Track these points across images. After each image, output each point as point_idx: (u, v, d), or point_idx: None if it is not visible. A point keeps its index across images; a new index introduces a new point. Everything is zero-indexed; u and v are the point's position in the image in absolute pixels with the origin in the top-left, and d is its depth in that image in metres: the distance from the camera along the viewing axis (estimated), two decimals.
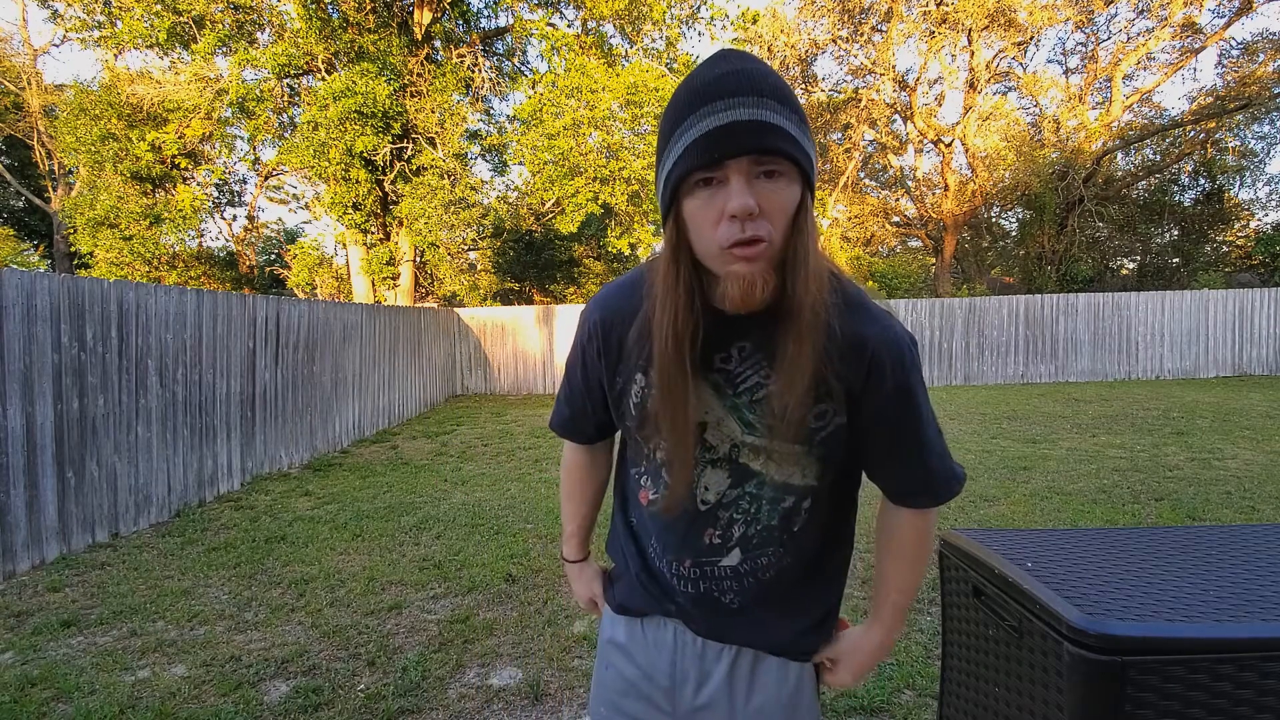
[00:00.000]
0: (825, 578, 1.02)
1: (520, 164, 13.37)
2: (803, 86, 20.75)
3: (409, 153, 11.89)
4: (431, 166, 11.61)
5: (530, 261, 19.00)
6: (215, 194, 17.57)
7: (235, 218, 20.53)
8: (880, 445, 0.91)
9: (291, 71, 11.77)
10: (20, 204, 21.38)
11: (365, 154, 11.23)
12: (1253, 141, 18.99)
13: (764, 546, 0.94)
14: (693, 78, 0.79)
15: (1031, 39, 18.88)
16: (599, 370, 1.00)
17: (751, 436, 0.90)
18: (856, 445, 0.91)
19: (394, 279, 12.70)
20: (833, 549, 1.02)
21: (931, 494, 0.95)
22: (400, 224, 12.34)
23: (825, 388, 0.86)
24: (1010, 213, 22.36)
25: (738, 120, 0.75)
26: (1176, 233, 20.37)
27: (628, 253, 14.26)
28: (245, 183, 18.89)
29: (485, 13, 13.75)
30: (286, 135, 13.07)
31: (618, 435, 1.13)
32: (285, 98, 12.43)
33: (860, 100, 19.55)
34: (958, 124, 19.66)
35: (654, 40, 13.58)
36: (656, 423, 0.91)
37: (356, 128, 10.88)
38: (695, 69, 0.80)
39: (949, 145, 20.19)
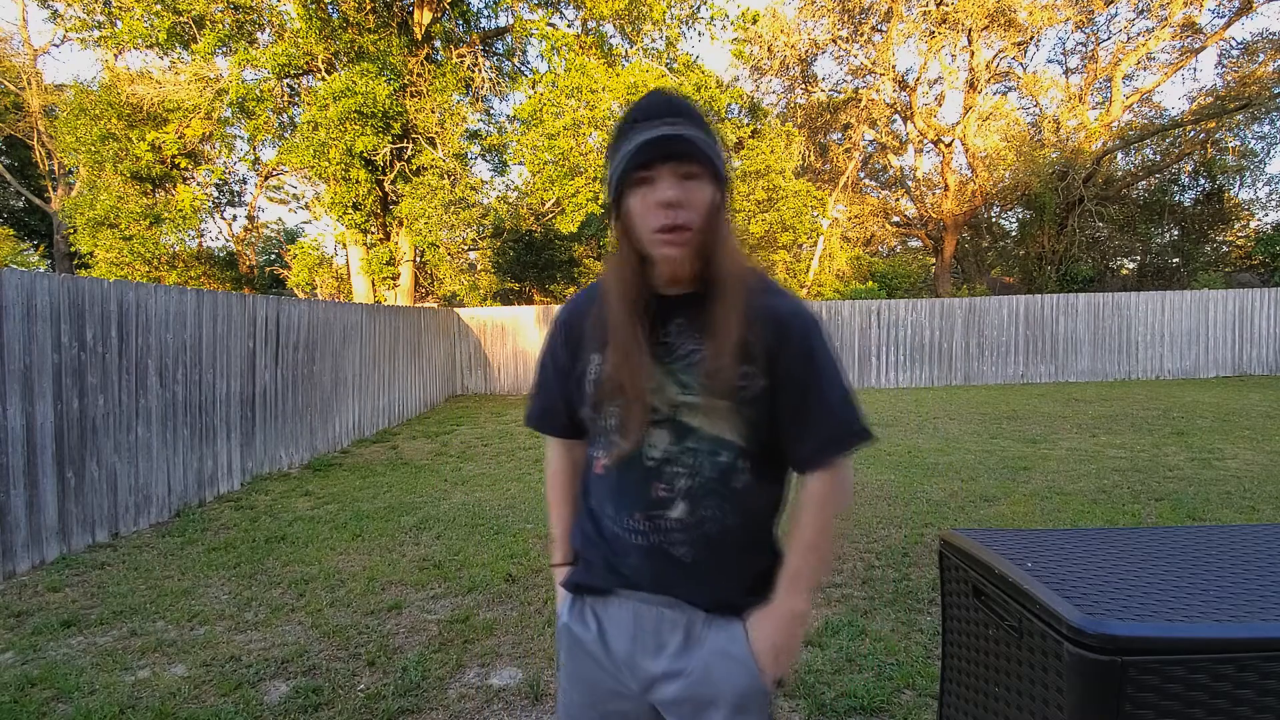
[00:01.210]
0: (764, 542, 1.12)
1: (520, 164, 13.38)
2: (803, 86, 20.75)
3: (409, 153, 11.89)
4: (431, 166, 11.61)
5: (530, 261, 19.00)
6: (215, 194, 17.56)
7: (235, 218, 20.51)
8: (790, 400, 1.04)
9: (291, 71, 11.77)
10: (20, 204, 21.38)
11: (365, 154, 11.23)
12: (1253, 141, 19.01)
13: (705, 498, 1.04)
14: (633, 106, 1.04)
15: (1031, 39, 18.89)
16: (564, 360, 1.17)
17: (688, 396, 1.04)
18: (774, 406, 1.05)
19: (394, 279, 12.70)
20: (767, 517, 1.12)
21: (838, 443, 1.06)
22: (400, 224, 12.34)
23: (748, 351, 1.02)
24: (1010, 213, 22.37)
25: (665, 134, 0.98)
26: (1176, 233, 20.37)
27: None
28: (245, 183, 18.89)
29: (485, 13, 13.76)
30: (286, 135, 13.07)
31: None
32: (285, 98, 12.43)
33: (860, 100, 19.55)
34: (958, 124, 19.66)
35: (654, 40, 13.57)
36: (611, 387, 1.06)
37: (356, 128, 10.87)
38: (636, 102, 1.05)
39: (949, 145, 20.19)
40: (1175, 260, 20.01)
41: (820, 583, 1.11)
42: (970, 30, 17.86)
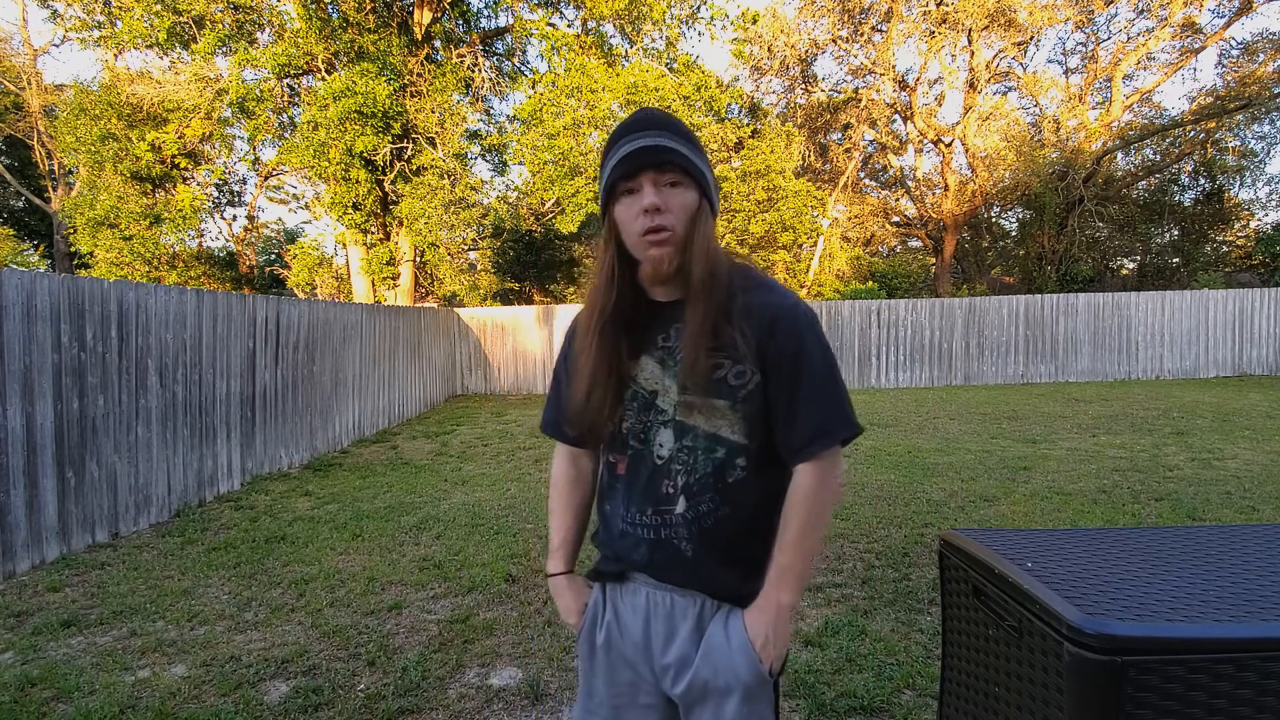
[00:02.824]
0: (760, 534, 1.14)
1: (520, 164, 13.38)
2: (803, 86, 20.75)
3: (409, 153, 11.89)
4: (431, 166, 11.61)
5: (530, 261, 18.99)
6: (215, 194, 17.56)
7: (235, 218, 20.51)
8: (779, 392, 1.08)
9: (291, 71, 11.77)
10: (20, 204, 21.38)
11: (365, 154, 11.23)
12: (1253, 141, 19.00)
13: (702, 494, 1.10)
14: (619, 125, 1.11)
15: (1031, 39, 18.89)
16: (569, 367, 1.22)
17: (685, 395, 1.10)
18: (768, 399, 1.09)
19: (394, 279, 12.70)
20: (767, 510, 1.13)
21: (826, 436, 1.08)
22: (400, 224, 12.33)
23: (736, 349, 1.06)
24: (1010, 213, 22.37)
25: (646, 145, 1.06)
26: (1176, 233, 20.36)
27: None
28: (245, 183, 18.89)
29: (485, 13, 13.75)
30: (286, 135, 13.07)
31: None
32: (285, 98, 12.42)
33: (860, 100, 19.54)
34: (958, 124, 19.66)
35: (654, 40, 13.57)
36: (575, 401, 1.13)
37: (356, 128, 10.87)
38: (622, 120, 1.12)
39: (949, 145, 20.18)
40: (1175, 260, 20.00)
41: (809, 575, 1.12)
42: (970, 30, 17.85)
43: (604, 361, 1.11)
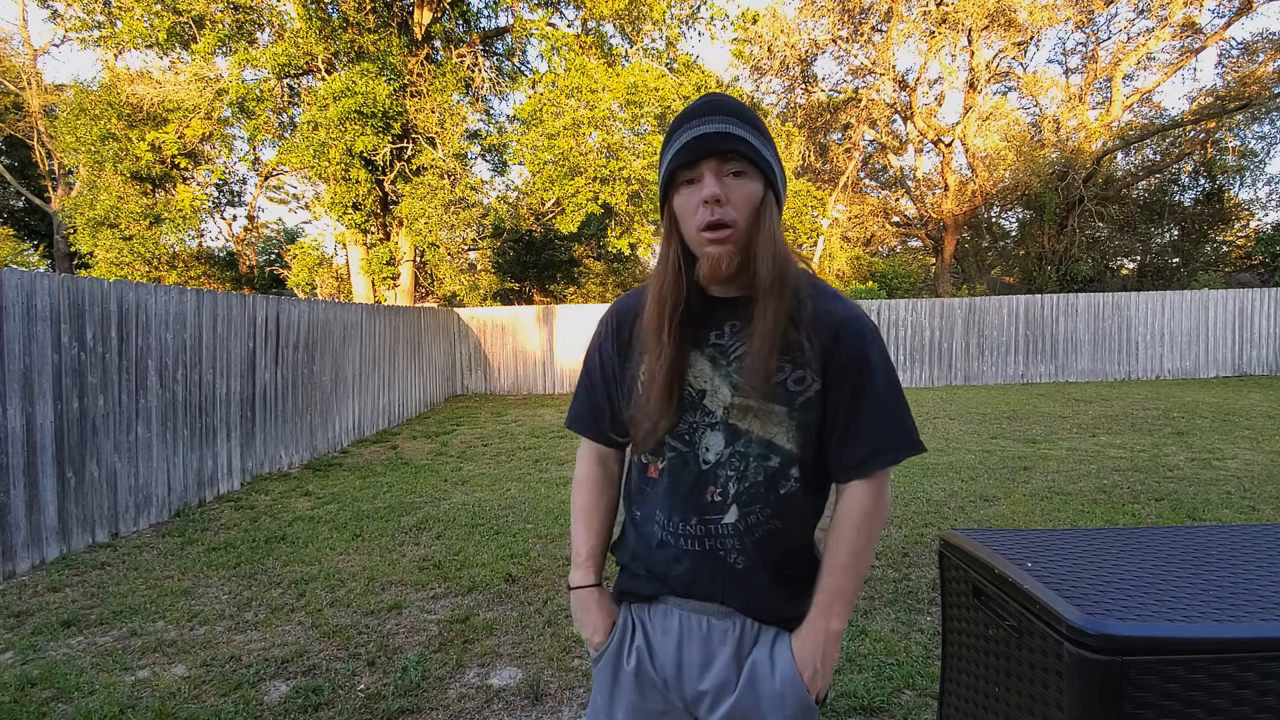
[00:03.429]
0: (808, 549, 1.11)
1: (520, 164, 13.37)
2: (803, 86, 20.74)
3: (409, 153, 11.89)
4: (431, 166, 11.61)
5: (530, 261, 18.99)
6: (215, 194, 17.56)
7: (235, 218, 20.52)
8: (841, 405, 1.03)
9: (291, 71, 11.77)
10: (20, 204, 21.38)
11: (365, 154, 11.22)
12: (1253, 141, 18.99)
13: (753, 503, 1.03)
14: (684, 110, 1.04)
15: (1031, 39, 18.88)
16: (612, 359, 1.15)
17: (739, 397, 1.03)
18: (826, 410, 1.04)
19: (394, 279, 12.70)
20: (811, 528, 1.11)
21: (887, 453, 1.03)
22: (400, 224, 12.33)
23: (801, 354, 1.02)
24: (1010, 213, 22.37)
25: (708, 131, 0.98)
26: (1176, 233, 20.36)
27: (627, 253, 14.25)
28: (245, 183, 18.89)
29: (485, 13, 13.75)
30: (286, 135, 13.07)
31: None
32: (285, 98, 12.42)
33: (860, 100, 19.54)
34: (958, 124, 19.65)
35: (654, 40, 13.57)
36: (649, 385, 1.05)
37: (356, 128, 10.87)
38: (688, 104, 1.05)
39: (949, 145, 20.18)
40: (1175, 260, 20.00)
41: (856, 601, 1.10)
42: (970, 30, 17.85)
43: (676, 360, 1.03)
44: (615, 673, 1.12)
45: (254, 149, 15.58)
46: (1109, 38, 19.56)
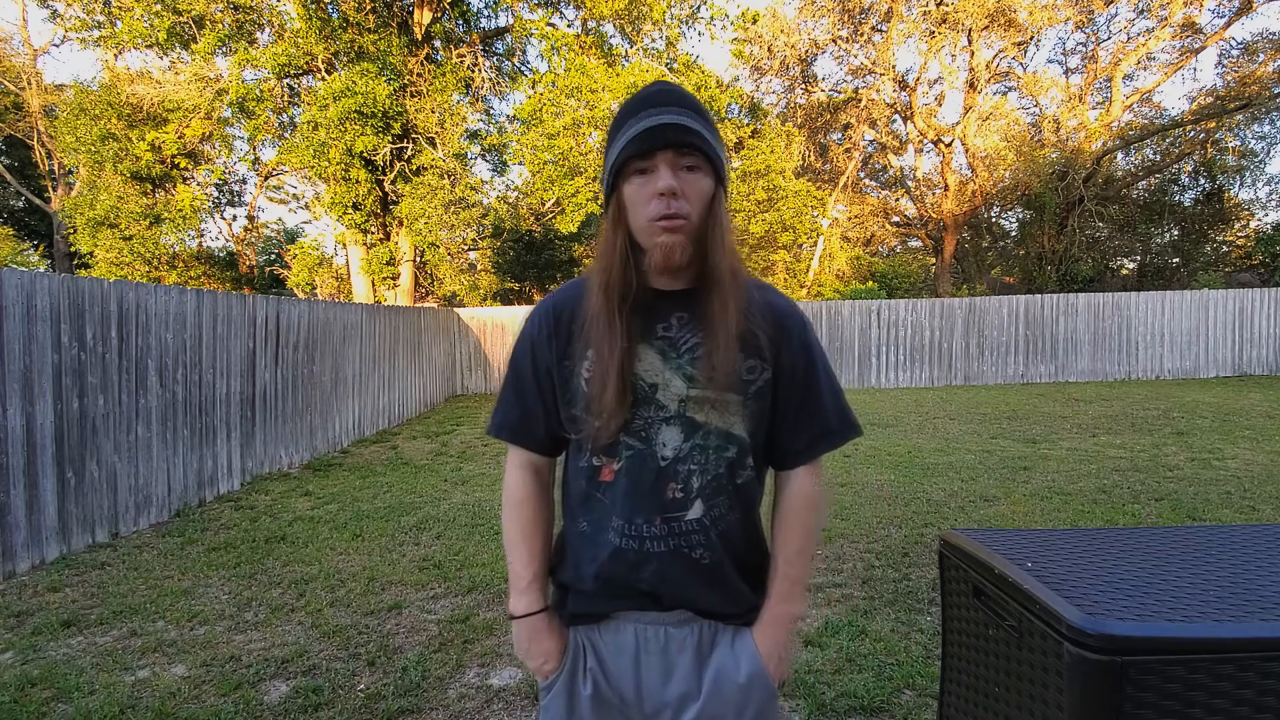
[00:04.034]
0: (760, 538, 1.12)
1: (520, 164, 13.38)
2: (803, 86, 20.75)
3: (409, 153, 11.89)
4: (431, 166, 11.61)
5: (530, 261, 18.99)
6: (215, 194, 17.56)
7: (235, 218, 20.50)
8: (790, 393, 1.06)
9: (291, 71, 11.77)
10: (20, 204, 21.38)
11: (365, 154, 11.23)
12: (1253, 141, 19.00)
13: (717, 495, 1.02)
14: (634, 96, 1.02)
15: (1031, 39, 18.89)
16: (548, 358, 1.07)
17: (695, 390, 1.01)
18: (774, 397, 1.06)
19: (394, 279, 12.70)
20: (758, 515, 1.11)
21: (832, 436, 1.09)
22: (400, 224, 12.33)
23: (754, 343, 1.02)
24: (1010, 213, 22.37)
25: (665, 122, 0.96)
26: (1176, 233, 20.36)
27: None
28: (245, 183, 18.89)
29: (485, 13, 13.75)
30: (286, 135, 13.07)
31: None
32: (285, 98, 12.42)
33: (860, 100, 19.54)
34: (958, 124, 19.65)
35: (654, 40, 13.58)
36: (601, 380, 1.00)
37: (356, 128, 10.87)
38: (638, 91, 1.03)
39: (949, 145, 20.18)
40: (1175, 260, 20.00)
41: (809, 582, 1.10)
42: (970, 30, 17.85)
43: (625, 352, 0.99)
44: (571, 701, 1.07)
45: (254, 149, 15.59)
46: (1109, 38, 19.57)
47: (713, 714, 1.03)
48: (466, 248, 16.27)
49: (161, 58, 12.54)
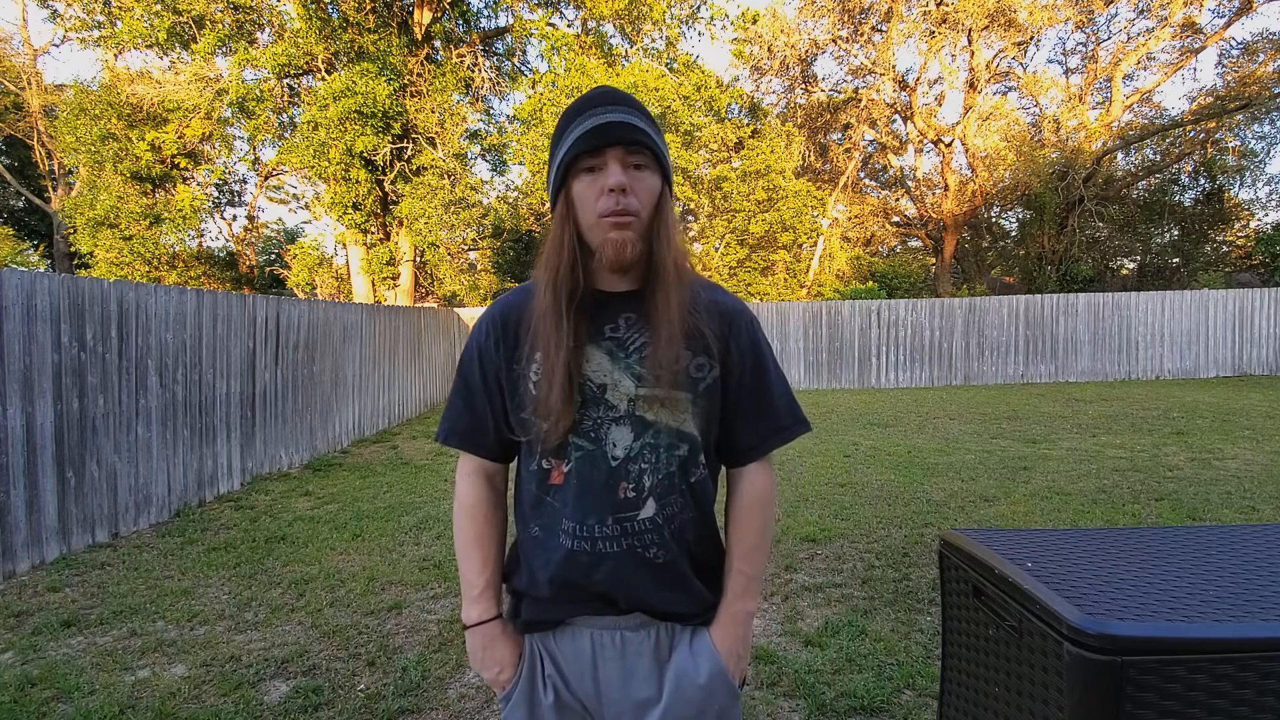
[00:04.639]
0: (715, 536, 1.12)
1: (520, 164, 13.37)
2: (803, 86, 20.75)
3: (409, 153, 11.89)
4: (431, 166, 11.61)
5: (530, 261, 18.96)
6: (215, 194, 17.55)
7: (235, 218, 20.49)
8: (740, 389, 1.07)
9: (291, 71, 11.78)
10: (20, 204, 21.39)
11: (365, 154, 11.23)
12: (1253, 141, 19.00)
13: (669, 494, 1.02)
14: (579, 98, 1.03)
15: (1031, 39, 18.89)
16: (497, 363, 1.07)
17: (644, 388, 1.01)
18: (724, 395, 1.07)
19: (394, 279, 12.70)
20: (713, 513, 1.10)
21: (783, 432, 1.10)
22: (400, 224, 12.34)
23: (701, 342, 1.03)
24: (1010, 213, 22.37)
25: (614, 120, 0.98)
26: (1176, 233, 20.37)
27: None
28: (245, 183, 18.88)
29: (485, 13, 13.76)
30: (286, 135, 13.07)
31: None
32: (285, 98, 12.43)
33: (860, 100, 19.54)
34: (958, 124, 19.66)
35: (654, 40, 13.58)
36: (548, 379, 0.99)
37: (356, 128, 10.88)
38: (582, 94, 1.04)
39: (949, 145, 20.19)
40: (1175, 260, 20.01)
41: (763, 577, 1.10)
42: (970, 30, 17.86)
43: (571, 351, 0.99)
44: (531, 709, 1.06)
45: (254, 149, 15.60)
46: (1109, 38, 19.58)
47: (676, 716, 1.03)
48: (466, 248, 16.28)
49: (161, 58, 12.55)
